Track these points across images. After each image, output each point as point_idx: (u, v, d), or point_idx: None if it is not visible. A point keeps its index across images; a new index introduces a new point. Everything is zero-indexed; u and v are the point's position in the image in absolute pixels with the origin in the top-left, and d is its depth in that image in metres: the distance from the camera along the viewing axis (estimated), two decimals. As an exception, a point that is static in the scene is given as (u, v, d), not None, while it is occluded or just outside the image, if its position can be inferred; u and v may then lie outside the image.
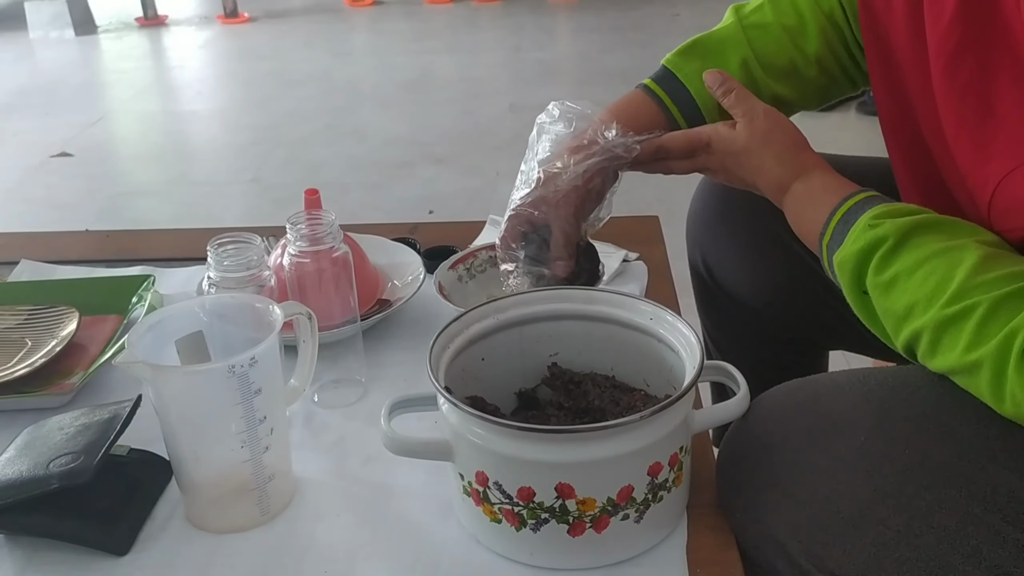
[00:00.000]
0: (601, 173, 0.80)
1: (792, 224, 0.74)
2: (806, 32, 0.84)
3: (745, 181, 0.78)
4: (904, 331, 0.60)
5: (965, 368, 0.56)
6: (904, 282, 0.60)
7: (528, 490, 0.59)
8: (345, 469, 0.73)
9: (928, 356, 0.59)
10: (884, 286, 0.61)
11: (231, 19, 5.33)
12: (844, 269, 0.64)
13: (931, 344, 0.58)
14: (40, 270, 1.07)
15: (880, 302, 0.62)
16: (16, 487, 0.65)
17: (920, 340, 0.59)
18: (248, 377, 0.62)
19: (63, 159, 3.17)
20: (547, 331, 0.74)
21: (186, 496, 0.68)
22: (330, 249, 0.77)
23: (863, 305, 0.64)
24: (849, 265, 0.64)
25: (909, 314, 0.60)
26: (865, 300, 0.64)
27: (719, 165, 0.79)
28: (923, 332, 0.59)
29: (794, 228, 0.74)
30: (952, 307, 0.57)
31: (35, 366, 0.84)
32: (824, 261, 0.69)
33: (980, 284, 0.56)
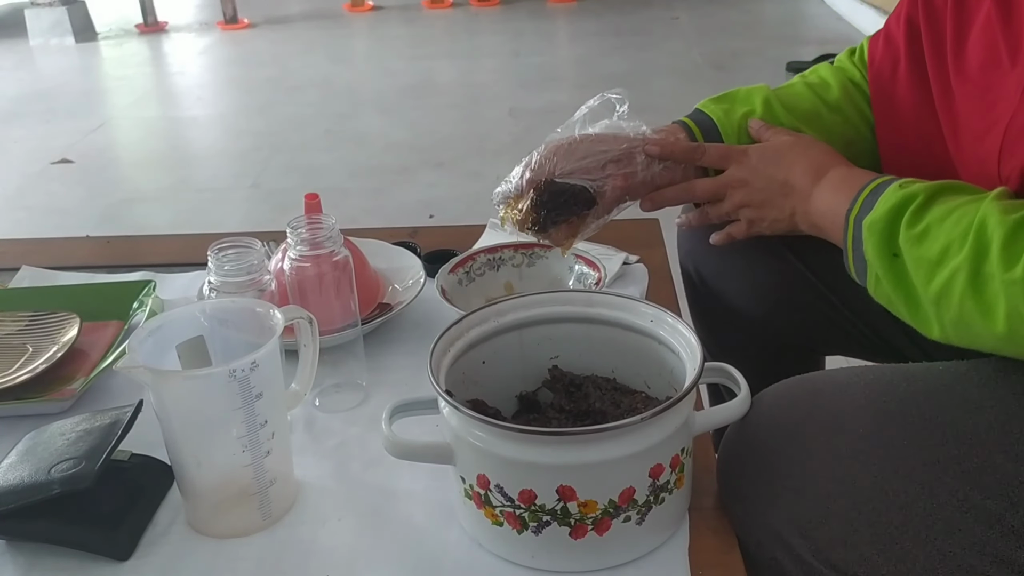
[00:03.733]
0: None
1: (817, 210, 0.75)
2: (828, 87, 0.88)
3: (775, 178, 0.79)
4: (939, 275, 0.60)
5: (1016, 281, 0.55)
6: (936, 229, 0.61)
7: (529, 493, 0.59)
8: (346, 473, 0.73)
9: (969, 289, 0.58)
10: (916, 237, 0.62)
11: (231, 25, 5.34)
12: (874, 230, 0.64)
13: (971, 277, 0.58)
14: (41, 276, 1.07)
15: (913, 252, 0.62)
16: (18, 493, 0.65)
17: (957, 277, 0.59)
18: (249, 381, 0.62)
19: (64, 166, 3.17)
20: (547, 334, 0.74)
21: (188, 501, 0.68)
22: (330, 253, 0.77)
23: (891, 269, 0.64)
24: (880, 224, 0.64)
25: (944, 255, 0.60)
26: (894, 264, 0.63)
27: (750, 170, 0.81)
28: (960, 268, 0.58)
29: (817, 215, 0.74)
30: (979, 234, 0.58)
31: (36, 372, 0.85)
32: (849, 239, 0.68)
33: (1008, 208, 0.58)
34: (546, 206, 0.81)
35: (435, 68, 4.30)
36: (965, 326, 0.60)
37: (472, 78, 4.10)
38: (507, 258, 0.97)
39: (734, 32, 4.54)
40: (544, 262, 0.97)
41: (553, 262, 0.97)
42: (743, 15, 4.95)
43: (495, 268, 0.97)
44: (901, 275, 0.64)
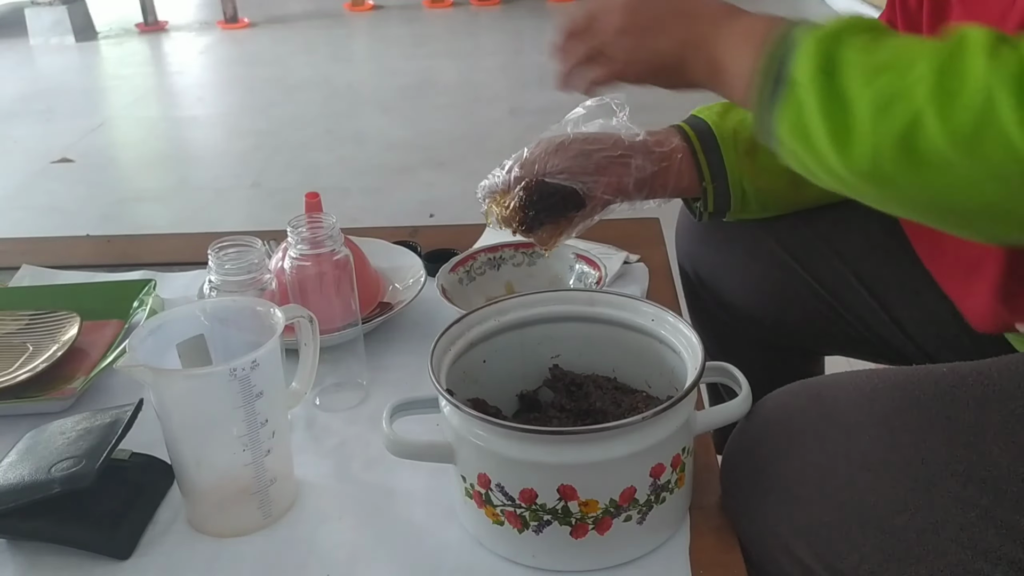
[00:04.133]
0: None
1: (726, 39, 0.64)
2: None
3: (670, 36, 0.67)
4: (888, 74, 0.52)
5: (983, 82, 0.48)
6: (890, 41, 0.54)
7: (530, 492, 0.59)
8: (347, 472, 0.73)
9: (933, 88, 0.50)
10: (867, 47, 0.54)
11: (231, 25, 5.34)
12: (815, 37, 0.56)
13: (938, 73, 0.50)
14: (41, 275, 1.07)
15: (857, 59, 0.54)
16: (18, 492, 0.65)
17: (923, 80, 0.51)
18: (249, 380, 0.62)
19: (64, 165, 3.17)
20: (548, 333, 0.74)
21: (188, 500, 0.68)
22: (331, 252, 0.77)
23: (820, 89, 0.54)
24: (825, 32, 0.56)
25: (900, 58, 0.52)
26: (827, 83, 0.54)
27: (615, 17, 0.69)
28: (922, 70, 0.51)
29: (724, 44, 0.64)
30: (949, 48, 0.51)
31: (36, 371, 0.84)
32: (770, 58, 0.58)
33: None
34: (535, 207, 0.80)
35: (436, 67, 4.30)
36: (911, 134, 0.51)
37: (473, 77, 4.10)
38: (507, 257, 0.97)
39: None
40: (544, 261, 0.97)
41: (553, 261, 0.96)
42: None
43: (495, 267, 0.97)
44: (831, 90, 0.54)
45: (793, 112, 0.56)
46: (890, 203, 0.58)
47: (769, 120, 0.59)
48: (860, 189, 0.56)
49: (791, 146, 0.58)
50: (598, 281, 0.91)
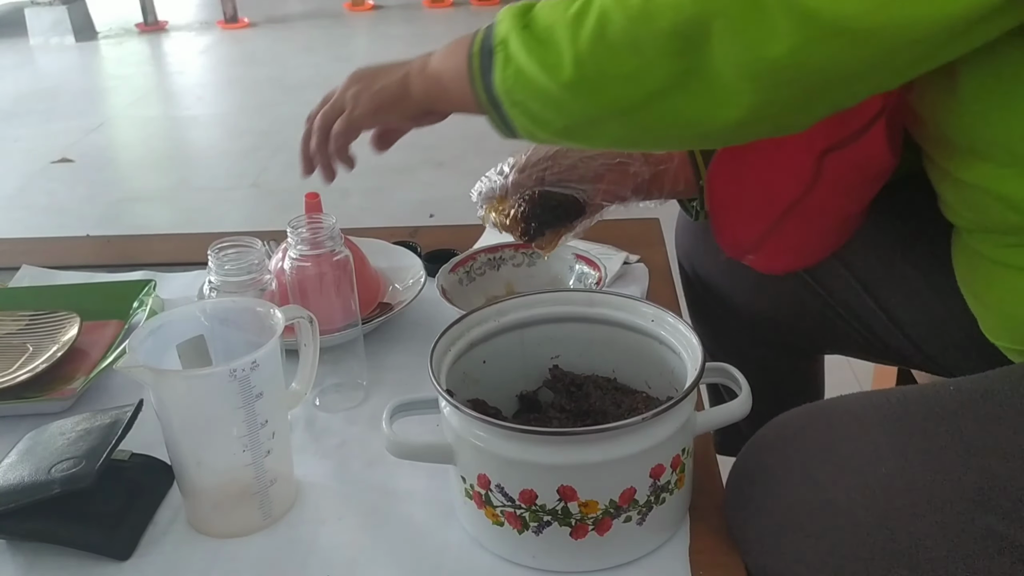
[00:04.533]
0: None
1: (436, 61, 0.72)
2: None
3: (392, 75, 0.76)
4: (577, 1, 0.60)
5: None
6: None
7: (530, 492, 0.59)
8: (347, 473, 0.73)
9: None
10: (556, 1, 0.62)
11: (231, 24, 5.34)
12: (510, 9, 0.63)
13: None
14: (41, 276, 1.07)
15: (548, 4, 0.62)
16: (18, 492, 0.65)
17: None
18: (249, 381, 0.62)
19: (64, 165, 3.17)
20: (548, 333, 0.74)
21: (188, 500, 0.68)
22: (331, 253, 0.77)
23: (522, 38, 0.62)
24: (517, 5, 0.64)
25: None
26: (525, 34, 0.62)
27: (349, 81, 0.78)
28: None
29: (436, 63, 0.72)
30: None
31: (36, 371, 0.84)
32: (476, 44, 0.66)
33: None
34: (537, 218, 0.81)
35: (435, 67, 4.30)
36: (601, 35, 0.58)
37: (472, 77, 4.10)
38: (507, 257, 0.97)
39: None
40: (544, 262, 0.97)
41: (553, 262, 0.96)
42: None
43: (495, 268, 0.97)
44: (532, 33, 0.61)
45: (505, 66, 0.63)
46: (607, 111, 0.61)
47: (491, 86, 0.64)
48: (577, 100, 0.61)
49: (515, 97, 0.63)
50: (598, 281, 0.91)
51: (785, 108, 0.57)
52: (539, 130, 0.65)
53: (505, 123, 0.67)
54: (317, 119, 0.80)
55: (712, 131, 0.60)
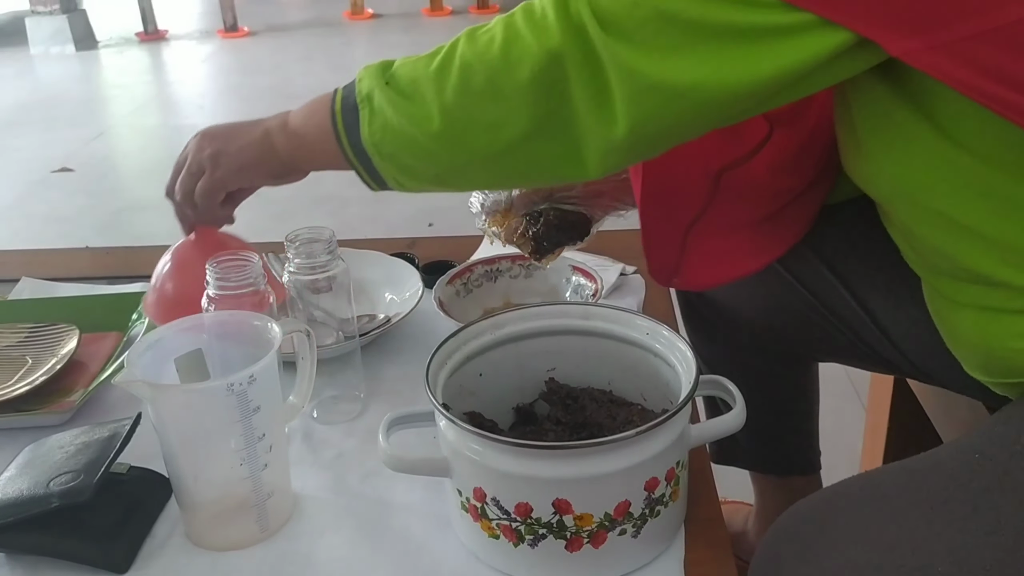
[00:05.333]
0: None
1: (296, 118, 0.75)
2: None
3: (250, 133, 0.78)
4: (438, 56, 0.65)
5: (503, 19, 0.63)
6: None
7: (526, 506, 0.59)
8: (344, 485, 0.74)
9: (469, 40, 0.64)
10: (411, 58, 0.67)
11: (231, 33, 5.36)
12: (368, 68, 0.68)
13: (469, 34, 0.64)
14: (40, 288, 1.08)
15: (407, 62, 0.67)
16: (16, 506, 0.65)
17: (459, 40, 0.64)
18: (247, 395, 0.63)
19: (64, 174, 3.18)
20: (544, 346, 0.74)
21: (185, 514, 0.69)
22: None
23: (385, 93, 0.66)
24: (372, 67, 0.68)
25: (439, 48, 0.65)
26: (387, 90, 0.66)
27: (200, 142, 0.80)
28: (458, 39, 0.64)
29: (296, 121, 0.75)
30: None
31: (35, 384, 0.85)
32: (337, 103, 0.70)
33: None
34: (551, 238, 0.83)
35: (434, 76, 4.31)
36: (466, 85, 0.62)
37: (471, 86, 4.12)
38: (504, 269, 0.98)
39: None
40: (541, 273, 0.97)
41: (550, 273, 0.97)
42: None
43: (492, 279, 0.97)
44: (396, 89, 0.66)
45: (372, 120, 0.67)
46: (476, 157, 0.66)
47: (357, 141, 0.68)
48: (445, 148, 0.66)
49: (384, 150, 0.68)
50: (595, 293, 0.92)
51: (639, 148, 0.63)
52: (409, 180, 0.69)
53: (373, 176, 0.70)
54: (177, 187, 0.82)
55: (573, 173, 0.65)
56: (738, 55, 0.56)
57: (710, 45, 0.57)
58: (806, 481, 1.13)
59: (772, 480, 1.15)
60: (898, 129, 0.61)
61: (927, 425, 1.03)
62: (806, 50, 0.55)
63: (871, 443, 1.26)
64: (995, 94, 0.53)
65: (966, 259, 0.63)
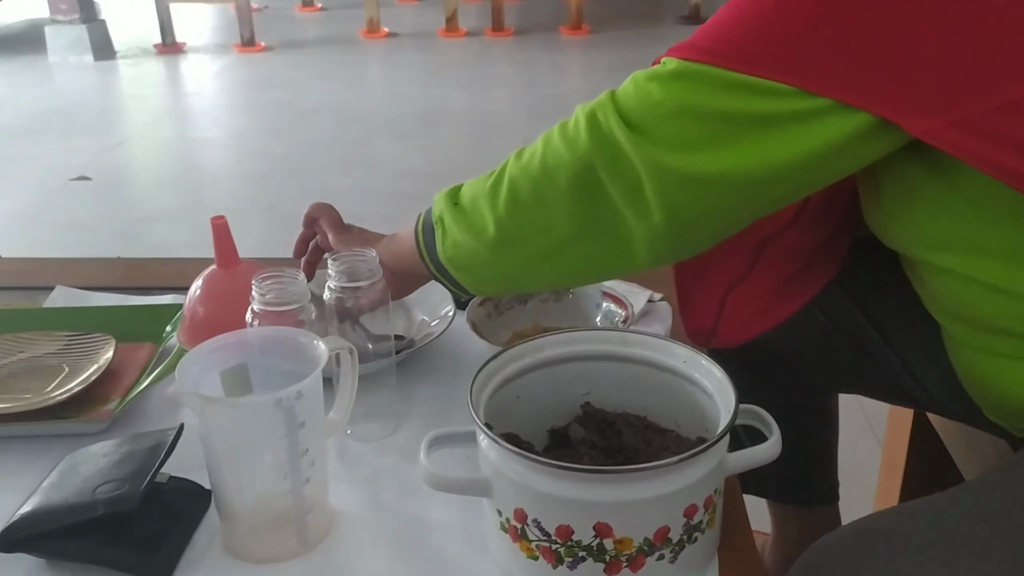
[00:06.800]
0: None
1: (395, 239, 0.86)
2: None
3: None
4: (492, 176, 0.73)
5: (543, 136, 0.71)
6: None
7: (566, 528, 0.60)
8: (380, 502, 0.75)
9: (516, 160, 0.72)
10: (475, 180, 0.76)
11: (248, 48, 5.41)
12: (440, 196, 0.78)
13: (518, 155, 0.72)
14: (74, 297, 1.09)
15: (470, 183, 0.76)
16: (61, 513, 0.66)
17: (509, 162, 0.72)
18: (294, 410, 0.64)
19: (82, 183, 3.21)
20: (581, 371, 0.75)
21: (225, 525, 0.70)
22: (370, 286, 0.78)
23: (454, 212, 0.76)
24: (443, 193, 0.78)
25: (495, 169, 0.74)
26: (456, 209, 0.76)
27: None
28: (508, 160, 0.73)
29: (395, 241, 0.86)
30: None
31: (72, 392, 0.86)
32: (419, 226, 0.81)
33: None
34: None
35: (449, 96, 4.35)
36: (514, 200, 0.70)
37: (485, 107, 4.15)
38: (535, 293, 0.99)
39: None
40: (571, 299, 0.98)
41: (580, 299, 0.98)
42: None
43: (523, 302, 0.99)
44: (461, 208, 0.75)
45: (445, 238, 0.76)
46: (531, 261, 0.73)
47: (436, 257, 0.78)
48: (504, 254, 0.73)
49: (457, 263, 0.76)
50: (625, 319, 0.93)
51: (682, 235, 0.67)
52: (484, 286, 0.79)
53: (456, 286, 0.79)
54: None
55: (626, 266, 0.71)
56: (761, 142, 0.60)
57: (734, 136, 0.61)
58: (824, 511, 1.13)
59: (790, 510, 1.15)
60: (922, 195, 0.64)
61: (947, 460, 1.04)
62: (827, 133, 0.58)
63: (887, 476, 1.26)
64: (1015, 169, 0.55)
65: (982, 309, 0.65)
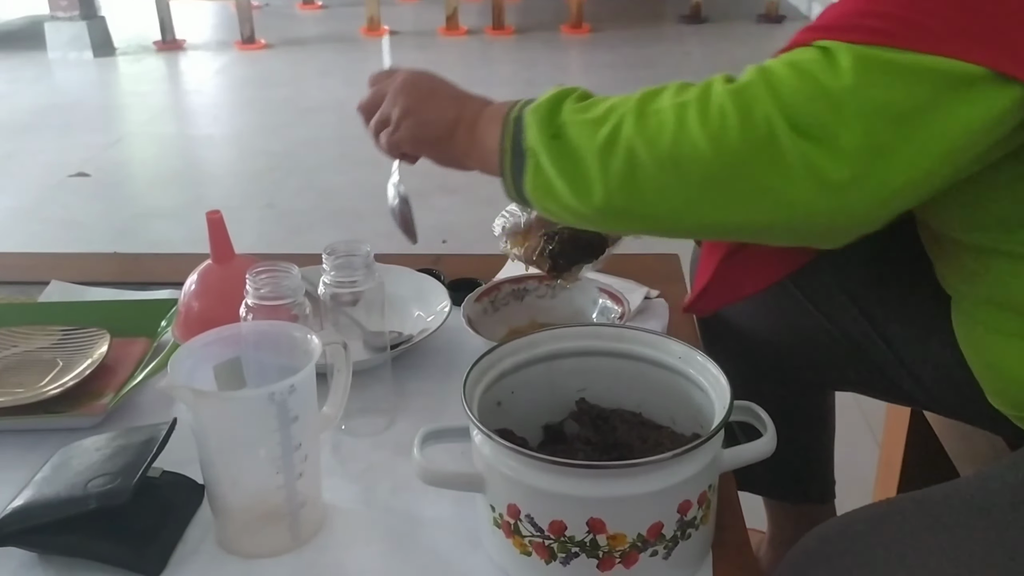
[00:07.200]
0: None
1: (483, 124, 0.73)
2: None
3: (446, 86, 0.78)
4: (605, 125, 0.62)
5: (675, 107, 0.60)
6: (602, 102, 0.65)
7: (560, 524, 0.60)
8: (373, 498, 0.74)
9: (636, 121, 0.61)
10: (581, 108, 0.65)
11: (248, 45, 5.40)
12: (537, 113, 0.66)
13: (637, 112, 0.61)
14: (70, 291, 1.09)
15: (576, 118, 0.64)
16: (53, 507, 0.66)
17: (625, 117, 0.62)
18: (287, 405, 0.64)
19: (81, 179, 3.20)
20: (576, 366, 0.75)
21: (218, 520, 0.69)
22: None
23: (550, 149, 0.65)
24: (542, 107, 0.66)
25: (611, 111, 0.63)
26: (554, 144, 0.65)
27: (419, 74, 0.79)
28: (628, 110, 0.62)
29: (482, 127, 0.73)
30: (653, 89, 0.63)
31: (66, 387, 0.86)
32: (508, 136, 0.68)
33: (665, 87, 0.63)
34: (567, 257, 0.84)
35: (449, 94, 4.34)
36: (632, 171, 0.61)
37: (486, 106, 4.14)
38: (531, 289, 0.99)
39: (745, 69, 4.59)
40: (567, 295, 0.98)
41: (576, 295, 0.98)
42: (754, 52, 5.01)
43: (519, 299, 0.98)
44: (562, 151, 0.64)
45: (536, 176, 0.66)
46: (638, 229, 0.67)
47: (521, 187, 0.68)
48: (606, 223, 0.67)
49: (541, 204, 0.68)
50: (621, 316, 0.93)
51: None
52: (558, 220, 0.70)
53: (524, 204, 0.71)
54: (371, 126, 0.83)
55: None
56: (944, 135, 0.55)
57: (923, 134, 0.54)
58: (820, 509, 1.13)
59: (786, 507, 1.15)
60: (998, 176, 0.62)
61: (944, 459, 1.04)
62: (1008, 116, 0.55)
63: (885, 475, 1.26)
64: None
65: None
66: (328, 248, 0.79)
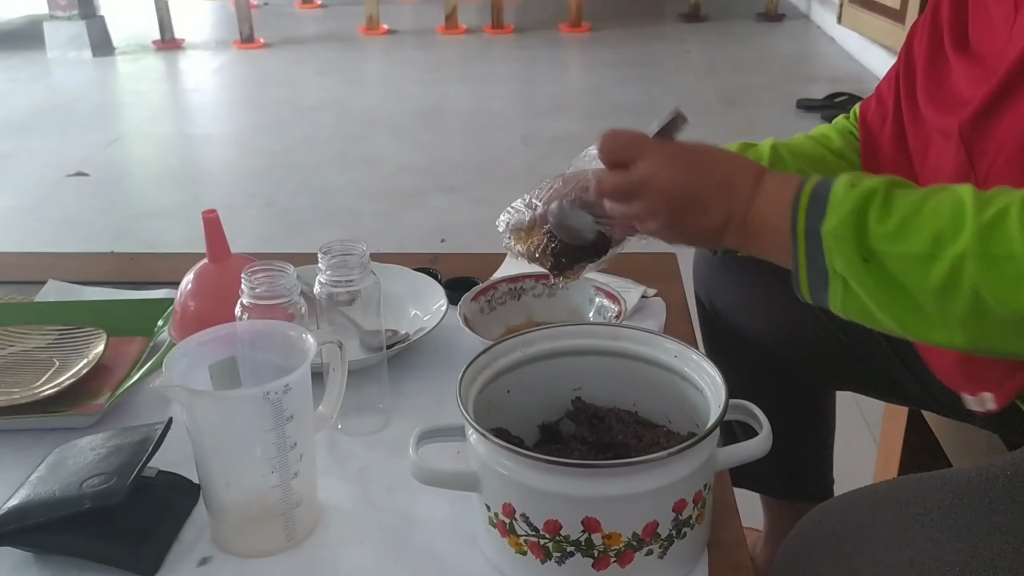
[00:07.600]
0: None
1: (757, 218, 0.67)
2: (829, 138, 0.90)
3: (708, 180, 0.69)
4: (939, 264, 0.56)
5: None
6: (915, 221, 0.58)
7: (555, 523, 0.60)
8: (369, 497, 0.74)
9: (982, 266, 0.55)
10: (894, 234, 0.58)
11: (247, 44, 5.40)
12: (841, 236, 0.59)
13: (981, 255, 0.55)
14: (66, 291, 1.09)
15: (894, 249, 0.58)
16: (49, 506, 0.66)
17: (965, 260, 0.56)
18: (282, 404, 0.63)
19: (79, 178, 3.20)
20: (572, 365, 0.75)
21: (214, 519, 0.69)
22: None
23: (868, 273, 0.59)
24: (845, 227, 0.59)
25: (938, 245, 0.56)
26: (869, 268, 0.59)
27: (670, 168, 0.69)
28: (967, 250, 0.55)
29: (757, 223, 0.67)
30: (985, 213, 0.55)
31: (62, 387, 0.86)
32: (801, 253, 0.62)
33: (994, 196, 0.56)
34: (569, 255, 0.83)
35: (448, 93, 4.34)
36: (980, 315, 0.56)
37: (485, 104, 4.14)
38: (528, 288, 0.99)
39: (744, 68, 4.59)
40: (564, 294, 0.98)
41: (573, 294, 0.98)
42: (753, 51, 5.01)
43: (516, 297, 0.98)
44: (879, 279, 0.59)
45: (847, 299, 0.61)
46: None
47: (822, 300, 0.63)
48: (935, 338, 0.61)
49: (852, 318, 0.63)
50: (618, 315, 0.93)
51: None
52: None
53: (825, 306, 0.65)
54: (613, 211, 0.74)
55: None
56: None
57: None
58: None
59: (784, 505, 1.15)
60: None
61: (941, 457, 1.04)
62: None
63: (883, 474, 1.26)
64: None
65: None
66: (324, 247, 0.79)
